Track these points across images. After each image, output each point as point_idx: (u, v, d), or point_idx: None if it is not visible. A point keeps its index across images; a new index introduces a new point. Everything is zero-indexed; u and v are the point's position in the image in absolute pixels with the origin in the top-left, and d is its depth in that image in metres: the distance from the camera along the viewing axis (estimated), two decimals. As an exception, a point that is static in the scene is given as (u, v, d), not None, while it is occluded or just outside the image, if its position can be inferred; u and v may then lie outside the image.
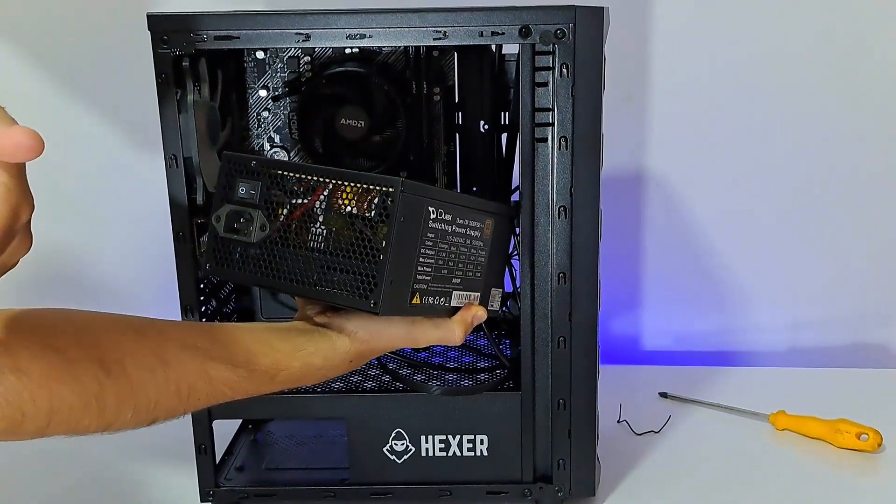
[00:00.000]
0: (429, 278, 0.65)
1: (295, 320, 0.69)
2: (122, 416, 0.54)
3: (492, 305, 0.76)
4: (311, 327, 0.66)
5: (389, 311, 0.61)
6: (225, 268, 0.64)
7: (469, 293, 0.72)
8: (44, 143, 0.40)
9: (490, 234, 0.72)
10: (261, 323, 0.64)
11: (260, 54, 0.84)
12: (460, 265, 0.69)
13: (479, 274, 0.72)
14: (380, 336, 0.66)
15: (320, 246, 0.61)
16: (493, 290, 0.75)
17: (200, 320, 0.79)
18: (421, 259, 0.64)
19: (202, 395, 0.58)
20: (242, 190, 0.63)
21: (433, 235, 0.64)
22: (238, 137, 0.86)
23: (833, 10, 1.13)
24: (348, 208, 0.60)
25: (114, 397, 0.52)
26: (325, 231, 0.61)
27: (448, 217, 0.66)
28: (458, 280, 0.69)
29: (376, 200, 0.59)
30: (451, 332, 0.69)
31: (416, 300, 0.64)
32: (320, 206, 0.61)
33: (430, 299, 0.66)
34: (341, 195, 0.60)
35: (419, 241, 0.63)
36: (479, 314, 0.71)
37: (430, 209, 0.63)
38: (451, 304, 0.70)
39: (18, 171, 0.42)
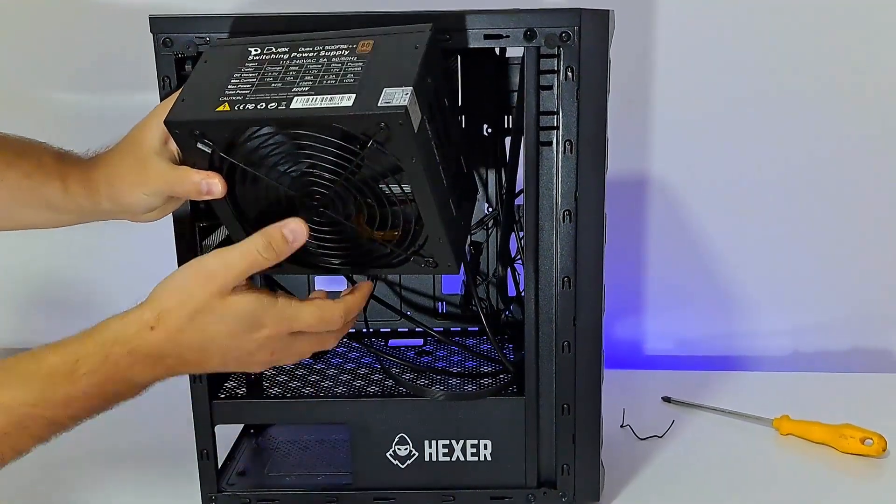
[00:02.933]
0: (246, 92, 0.63)
1: None
2: None
3: (386, 101, 0.59)
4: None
5: (180, 117, 0.62)
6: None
7: (324, 96, 0.61)
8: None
9: (371, 49, 0.63)
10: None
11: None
12: (307, 77, 0.63)
13: (350, 80, 0.62)
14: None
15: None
16: (390, 89, 0.60)
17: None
18: (233, 81, 0.64)
19: (13, 435, 0.55)
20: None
21: (255, 65, 0.64)
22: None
23: (835, 14, 1.13)
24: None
25: None
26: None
27: (282, 50, 0.65)
28: (305, 88, 0.62)
29: None
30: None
31: (222, 108, 0.62)
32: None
33: (246, 106, 0.62)
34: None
35: (231, 71, 0.64)
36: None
37: (251, 49, 0.65)
38: (292, 106, 0.61)
39: None
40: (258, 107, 0.61)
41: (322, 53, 0.64)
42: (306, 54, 0.64)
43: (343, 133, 0.61)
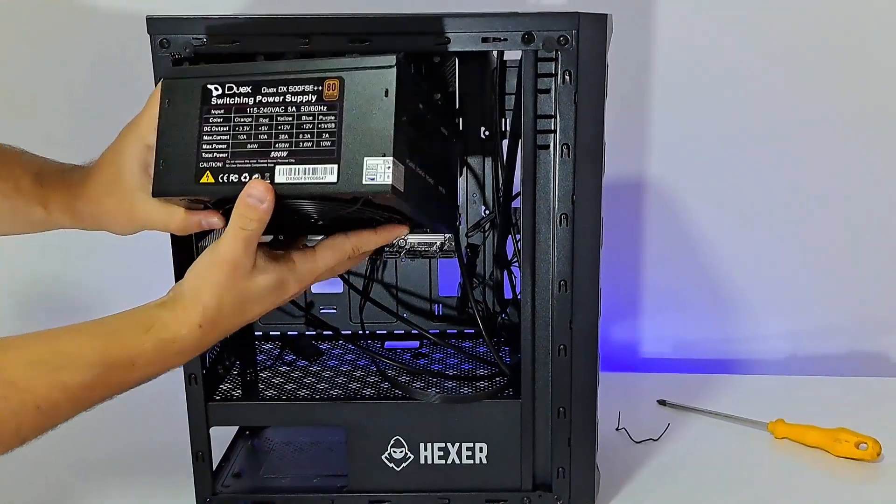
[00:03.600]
0: (224, 155, 0.63)
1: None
2: None
3: (371, 178, 0.59)
4: (166, 297, 0.64)
5: (166, 191, 0.63)
6: None
7: (307, 166, 0.61)
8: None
9: (339, 95, 0.61)
10: (115, 314, 0.63)
11: (260, 58, 0.83)
12: (282, 136, 0.62)
13: (327, 143, 0.61)
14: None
15: None
16: (371, 160, 0.60)
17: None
18: (206, 136, 0.63)
19: (63, 404, 0.57)
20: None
21: (221, 112, 0.63)
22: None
23: (834, 16, 1.13)
24: None
25: None
26: None
27: (245, 90, 0.63)
28: (284, 153, 0.62)
29: None
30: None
31: (206, 179, 0.63)
32: None
33: (230, 177, 0.62)
34: None
35: (199, 119, 0.63)
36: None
37: (211, 87, 0.63)
38: (276, 181, 0.62)
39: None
40: (242, 177, 0.62)
41: (289, 99, 0.62)
42: (271, 100, 0.62)
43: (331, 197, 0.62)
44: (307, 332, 0.97)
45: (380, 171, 0.59)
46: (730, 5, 1.14)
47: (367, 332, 0.96)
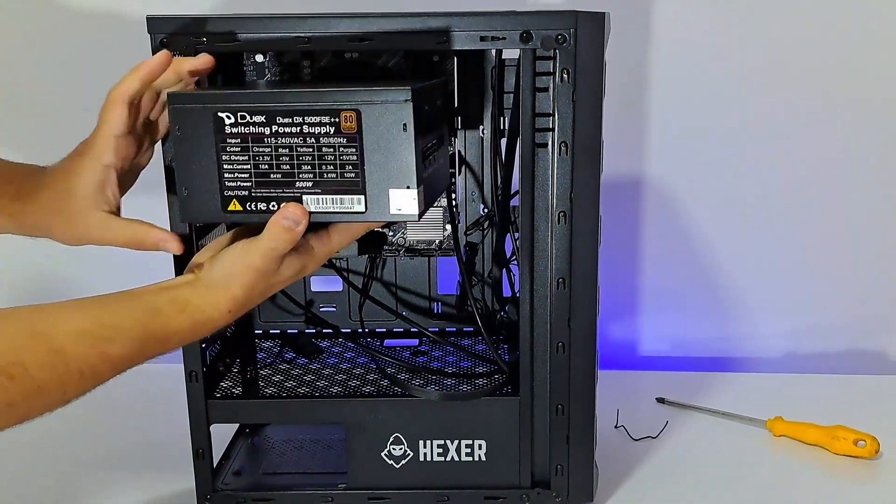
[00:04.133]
0: (248, 184, 0.65)
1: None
2: (34, 411, 0.56)
3: (398, 209, 0.64)
4: (193, 279, 0.66)
5: (196, 218, 0.66)
6: None
7: (334, 196, 0.65)
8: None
9: (357, 128, 0.63)
10: (142, 287, 0.65)
11: (259, 57, 0.84)
12: (304, 167, 0.64)
13: (351, 175, 0.64)
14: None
15: None
16: (396, 192, 0.64)
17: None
18: (226, 165, 0.64)
19: (104, 371, 0.60)
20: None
21: (238, 140, 0.64)
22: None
23: (832, 17, 1.13)
24: None
25: (22, 399, 0.54)
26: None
27: (258, 119, 0.64)
28: (309, 184, 0.65)
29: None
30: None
31: (233, 206, 0.65)
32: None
33: (258, 205, 0.65)
34: None
35: (215, 148, 0.64)
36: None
37: (223, 115, 0.64)
38: (308, 211, 0.65)
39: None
40: (271, 206, 0.65)
41: (306, 130, 0.63)
42: (289, 130, 0.64)
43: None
44: (307, 331, 0.97)
45: (406, 201, 0.64)
46: (728, 3, 1.14)
47: (367, 329, 0.96)
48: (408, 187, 0.63)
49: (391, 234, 0.92)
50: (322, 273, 0.94)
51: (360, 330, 0.95)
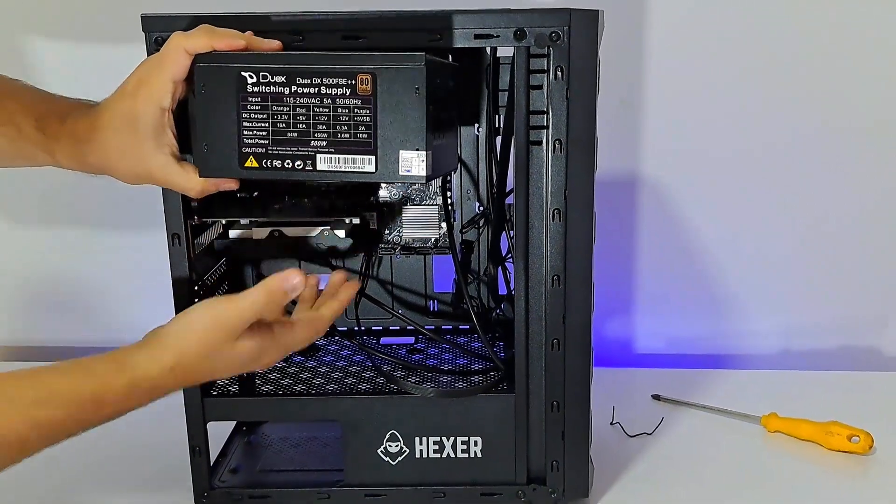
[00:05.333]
0: (266, 142, 0.67)
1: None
2: None
3: (407, 170, 0.67)
4: (144, 339, 0.65)
5: (213, 173, 0.68)
6: None
7: (346, 156, 0.67)
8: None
9: (372, 90, 0.66)
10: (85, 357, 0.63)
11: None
12: (319, 127, 0.67)
13: (364, 136, 0.67)
14: None
15: None
16: (406, 153, 0.67)
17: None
18: (245, 123, 0.67)
19: (34, 441, 0.57)
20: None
21: (258, 99, 0.67)
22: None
23: (829, 14, 1.14)
24: None
25: None
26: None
27: (279, 79, 0.66)
28: (323, 143, 0.67)
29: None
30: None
31: (249, 163, 0.67)
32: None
33: (273, 162, 0.67)
34: None
35: (236, 106, 0.67)
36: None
37: (246, 74, 0.66)
38: (318, 168, 0.68)
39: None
40: (285, 164, 0.67)
41: (324, 91, 0.66)
42: (307, 90, 0.66)
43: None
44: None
45: (414, 163, 0.66)
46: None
47: (363, 327, 0.97)
48: (417, 149, 0.66)
49: (387, 231, 0.92)
50: (318, 271, 0.94)
51: (356, 328, 0.96)
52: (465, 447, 0.81)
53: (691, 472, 0.90)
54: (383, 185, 0.90)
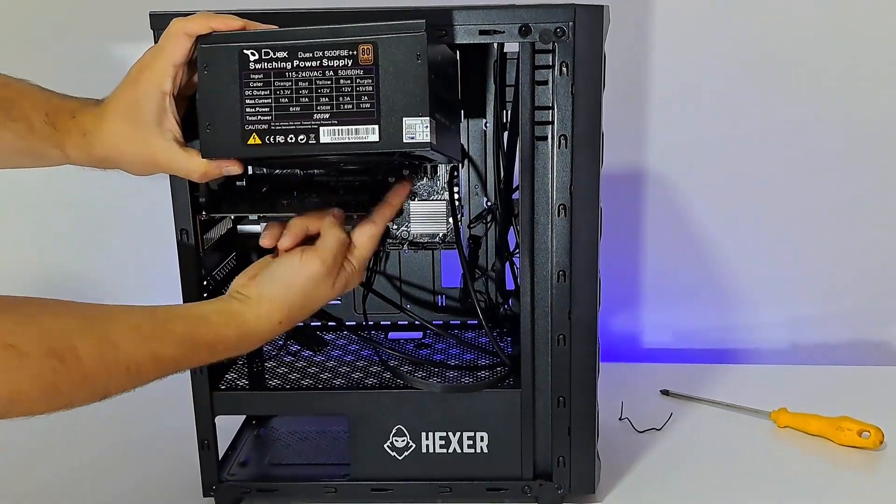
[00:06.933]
0: (268, 118, 0.67)
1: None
2: (77, 399, 0.57)
3: (411, 137, 0.66)
4: (240, 296, 0.70)
5: (217, 153, 0.68)
6: None
7: (350, 127, 0.67)
8: None
9: (374, 59, 0.66)
10: (197, 302, 0.69)
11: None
12: (322, 99, 0.67)
13: (367, 105, 0.67)
14: None
15: None
16: (409, 120, 0.66)
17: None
18: (248, 101, 0.67)
19: (149, 371, 0.61)
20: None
21: (260, 76, 0.67)
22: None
23: (834, 11, 1.13)
24: None
25: (68, 384, 0.55)
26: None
27: (281, 55, 0.66)
28: (326, 115, 0.67)
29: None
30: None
31: (252, 140, 0.67)
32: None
33: (277, 138, 0.67)
34: None
35: (239, 84, 0.67)
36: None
37: (248, 52, 0.66)
38: (322, 141, 0.67)
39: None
40: (288, 139, 0.67)
41: (325, 63, 0.66)
42: (309, 64, 0.66)
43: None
44: (312, 323, 0.98)
45: (418, 129, 0.65)
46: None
47: (371, 322, 0.97)
48: (420, 115, 0.65)
49: (395, 227, 0.92)
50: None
51: (364, 323, 0.96)
52: (471, 442, 0.81)
53: (700, 468, 0.90)
54: (390, 179, 0.90)
